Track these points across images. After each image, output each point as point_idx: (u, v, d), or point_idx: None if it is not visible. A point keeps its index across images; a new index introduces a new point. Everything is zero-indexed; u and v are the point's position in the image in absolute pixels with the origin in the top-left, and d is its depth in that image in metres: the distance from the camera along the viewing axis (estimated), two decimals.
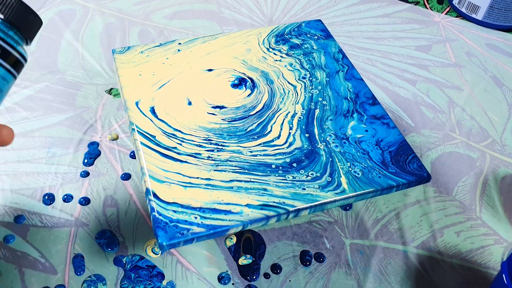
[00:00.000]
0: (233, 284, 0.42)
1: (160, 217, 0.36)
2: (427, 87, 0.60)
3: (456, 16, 0.71)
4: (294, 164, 0.40)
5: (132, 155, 0.50)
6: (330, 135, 0.42)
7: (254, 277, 0.42)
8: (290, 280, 0.42)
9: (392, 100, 0.58)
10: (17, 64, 0.30)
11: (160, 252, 0.43)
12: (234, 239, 0.45)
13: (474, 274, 0.44)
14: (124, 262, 0.42)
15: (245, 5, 0.70)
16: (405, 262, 0.44)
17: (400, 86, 0.60)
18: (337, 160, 0.40)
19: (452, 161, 0.52)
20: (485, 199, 0.49)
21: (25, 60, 0.31)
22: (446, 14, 0.71)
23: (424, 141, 0.54)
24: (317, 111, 0.44)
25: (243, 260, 0.43)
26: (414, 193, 0.49)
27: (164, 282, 0.42)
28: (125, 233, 0.44)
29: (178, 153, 0.40)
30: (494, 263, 0.44)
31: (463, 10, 0.70)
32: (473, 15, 0.69)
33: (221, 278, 0.42)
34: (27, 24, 0.30)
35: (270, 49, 0.50)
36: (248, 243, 0.44)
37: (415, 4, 0.73)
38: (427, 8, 0.72)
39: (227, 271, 0.43)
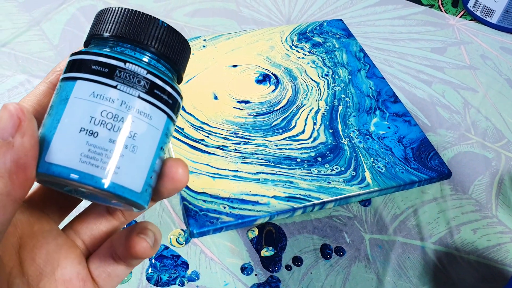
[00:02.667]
0: (255, 274, 0.43)
1: (191, 206, 0.37)
2: (442, 88, 0.61)
3: (471, 19, 0.72)
4: (319, 158, 0.41)
5: None
6: (353, 131, 0.43)
7: (276, 268, 0.43)
8: (311, 272, 0.43)
9: (409, 100, 0.59)
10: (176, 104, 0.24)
11: (184, 242, 0.44)
12: (256, 232, 0.46)
13: (491, 270, 0.45)
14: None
15: (263, 4, 0.71)
16: (423, 257, 0.45)
17: (416, 87, 0.61)
18: (361, 155, 0.41)
19: (468, 161, 0.53)
20: (501, 198, 0.50)
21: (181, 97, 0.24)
22: (460, 17, 0.73)
23: (440, 140, 0.55)
24: (340, 108, 0.45)
25: (265, 252, 0.44)
26: (431, 190, 0.50)
27: (189, 272, 0.43)
28: None
29: (206, 145, 0.41)
30: (510, 260, 0.45)
31: (478, 13, 0.71)
32: (488, 19, 0.70)
33: (244, 269, 0.43)
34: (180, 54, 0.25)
35: (293, 47, 0.51)
36: (270, 236, 0.45)
37: (430, 7, 0.74)
38: (442, 11, 0.73)
39: (249, 262, 0.44)
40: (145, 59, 0.23)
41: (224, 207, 0.37)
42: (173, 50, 0.23)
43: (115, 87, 0.21)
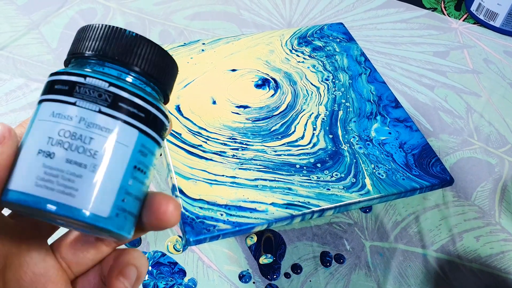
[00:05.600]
0: (254, 282, 0.42)
1: (187, 213, 0.36)
2: (445, 93, 0.60)
3: (474, 23, 0.71)
4: (318, 165, 0.40)
5: None
6: (354, 137, 0.42)
7: (275, 276, 0.43)
8: (310, 280, 0.43)
9: (411, 105, 0.58)
10: (161, 128, 0.22)
11: (181, 249, 0.44)
12: (255, 239, 0.45)
13: (494, 279, 0.44)
14: (146, 258, 0.43)
15: (264, 7, 0.70)
16: (425, 265, 0.44)
17: (418, 91, 0.60)
18: (361, 162, 0.41)
19: (470, 166, 0.53)
20: (505, 204, 0.49)
21: (168, 119, 0.23)
22: (463, 20, 0.72)
23: (442, 146, 0.54)
24: (340, 113, 0.44)
25: (263, 259, 0.44)
26: (433, 197, 0.49)
27: (186, 279, 0.42)
28: None
29: (204, 151, 0.40)
30: None
31: (481, 17, 0.70)
32: (491, 22, 0.69)
33: (242, 277, 0.42)
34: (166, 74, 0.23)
35: (293, 51, 0.50)
36: (269, 243, 0.45)
37: (432, 11, 0.73)
38: (445, 15, 0.73)
39: (248, 269, 0.43)
40: (116, 74, 0.21)
41: (221, 214, 0.36)
42: (149, 64, 0.22)
43: (73, 103, 0.20)
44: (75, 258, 0.24)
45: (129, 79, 0.21)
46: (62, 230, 0.26)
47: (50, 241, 0.25)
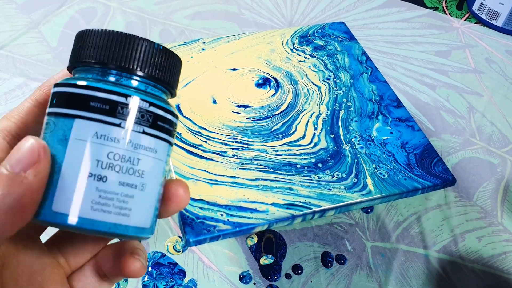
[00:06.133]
0: (254, 283, 0.42)
1: (187, 214, 0.36)
2: (447, 92, 0.60)
3: (476, 22, 0.71)
4: (320, 165, 0.40)
5: None
6: (355, 137, 0.42)
7: (276, 277, 0.42)
8: (311, 281, 0.42)
9: (412, 105, 0.58)
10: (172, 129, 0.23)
11: (181, 249, 0.43)
12: (255, 239, 0.45)
13: (497, 279, 0.44)
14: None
15: (265, 7, 0.70)
16: (427, 266, 0.44)
17: (420, 91, 0.60)
18: (362, 162, 0.40)
19: (472, 166, 0.52)
20: (507, 205, 0.49)
21: (176, 117, 0.23)
22: (465, 20, 0.71)
23: (444, 145, 0.54)
24: (341, 112, 0.44)
25: (264, 260, 0.43)
26: (435, 197, 0.49)
27: (186, 280, 0.42)
28: None
29: (204, 151, 0.40)
30: None
31: (483, 16, 0.70)
32: (493, 22, 0.69)
33: (243, 277, 0.42)
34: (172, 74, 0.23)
35: (294, 50, 0.50)
36: (269, 243, 0.44)
37: (434, 10, 0.73)
38: (447, 14, 0.72)
39: (248, 270, 0.43)
40: (146, 88, 0.21)
41: (222, 215, 0.36)
42: (169, 71, 0.22)
43: (119, 125, 0.20)
44: (74, 252, 0.24)
45: (154, 90, 0.22)
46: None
47: (47, 237, 0.25)
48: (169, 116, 0.21)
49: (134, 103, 0.20)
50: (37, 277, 0.23)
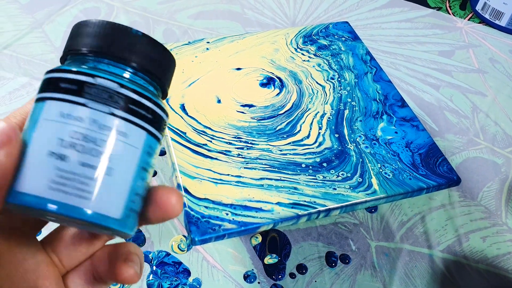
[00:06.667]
0: (258, 283, 0.42)
1: (192, 213, 0.36)
2: (450, 92, 0.60)
3: (479, 22, 0.71)
4: (324, 164, 0.40)
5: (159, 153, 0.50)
6: (360, 136, 0.42)
7: (280, 276, 0.42)
8: (316, 281, 0.42)
9: (416, 104, 0.58)
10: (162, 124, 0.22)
11: (186, 248, 0.43)
12: (260, 238, 0.45)
13: (501, 280, 0.43)
14: (151, 258, 0.43)
15: (268, 6, 0.70)
16: (431, 265, 0.44)
17: (423, 91, 0.60)
18: (367, 161, 0.40)
19: (476, 166, 0.52)
20: (511, 205, 0.49)
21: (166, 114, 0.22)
22: (468, 20, 0.71)
23: (448, 145, 0.54)
24: (346, 112, 0.44)
25: (268, 259, 0.43)
26: (439, 197, 0.49)
27: (191, 279, 0.42)
28: (151, 229, 0.44)
29: (209, 150, 0.40)
30: None
31: (487, 16, 0.70)
32: (497, 22, 0.69)
33: (247, 277, 0.42)
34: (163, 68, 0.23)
35: (298, 50, 0.50)
36: (274, 243, 0.44)
37: (437, 10, 0.73)
38: (450, 14, 0.72)
39: (252, 269, 0.43)
40: (122, 73, 0.21)
41: (227, 214, 0.36)
42: (153, 62, 0.22)
43: (84, 104, 0.19)
44: (68, 252, 0.24)
45: (135, 78, 0.21)
46: (52, 225, 0.26)
47: (44, 235, 0.25)
48: (147, 103, 0.21)
49: (102, 82, 0.20)
50: (31, 274, 0.22)
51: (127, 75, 0.21)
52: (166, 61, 0.22)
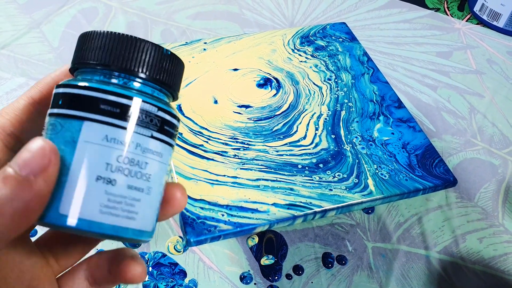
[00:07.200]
0: (255, 284, 0.42)
1: (188, 214, 0.36)
2: (448, 93, 0.60)
3: (477, 23, 0.71)
4: (321, 165, 0.40)
5: None
6: (356, 137, 0.42)
7: (276, 277, 0.42)
8: (312, 282, 0.42)
9: (414, 105, 0.58)
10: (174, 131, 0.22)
11: (182, 249, 0.43)
12: (256, 239, 0.45)
13: (498, 281, 0.43)
14: (147, 259, 0.42)
15: (266, 7, 0.70)
16: (428, 266, 0.44)
17: (421, 92, 0.60)
18: (363, 162, 0.40)
19: (473, 167, 0.52)
20: (508, 206, 0.49)
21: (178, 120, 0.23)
22: (466, 21, 0.71)
23: (445, 146, 0.54)
24: (343, 113, 0.44)
25: (265, 261, 0.43)
26: (436, 198, 0.49)
27: (187, 280, 0.42)
28: None
29: (205, 151, 0.40)
30: None
31: (484, 17, 0.70)
32: (494, 23, 0.69)
33: (243, 278, 0.42)
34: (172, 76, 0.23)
35: (295, 50, 0.50)
36: (270, 244, 0.44)
37: (435, 11, 0.73)
38: (448, 15, 0.72)
39: (249, 270, 0.43)
40: (153, 92, 0.21)
41: (223, 215, 0.36)
42: (174, 76, 0.22)
43: (127, 128, 0.20)
44: (64, 251, 0.24)
45: (160, 95, 0.22)
46: None
47: (40, 234, 0.25)
48: (174, 121, 0.22)
49: (144, 107, 0.20)
50: (25, 275, 0.22)
51: (155, 94, 0.21)
52: (182, 72, 0.23)
